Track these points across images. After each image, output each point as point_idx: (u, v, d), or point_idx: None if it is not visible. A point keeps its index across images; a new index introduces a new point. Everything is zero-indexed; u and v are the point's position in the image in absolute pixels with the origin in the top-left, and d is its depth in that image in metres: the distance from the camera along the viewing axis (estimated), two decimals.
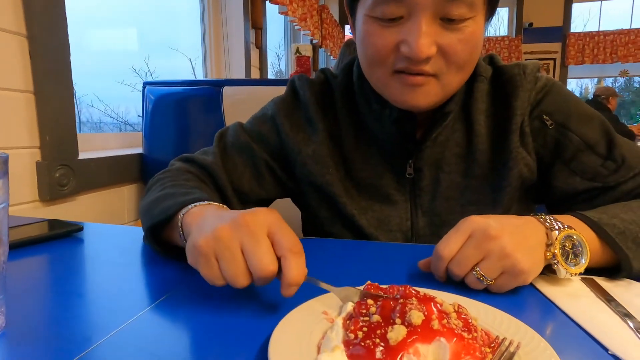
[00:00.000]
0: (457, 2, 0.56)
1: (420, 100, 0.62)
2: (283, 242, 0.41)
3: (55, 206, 1.22)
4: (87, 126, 2.15)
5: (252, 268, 0.40)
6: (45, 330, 0.39)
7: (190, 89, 1.64)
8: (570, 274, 0.49)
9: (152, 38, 2.48)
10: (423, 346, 0.31)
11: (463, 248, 0.49)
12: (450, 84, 0.62)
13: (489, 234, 0.47)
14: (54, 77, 1.18)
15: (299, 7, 3.24)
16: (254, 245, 0.41)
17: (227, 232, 0.42)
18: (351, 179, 0.74)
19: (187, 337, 0.39)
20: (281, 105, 0.77)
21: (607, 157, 0.66)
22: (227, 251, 0.41)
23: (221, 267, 0.42)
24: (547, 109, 0.69)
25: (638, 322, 0.40)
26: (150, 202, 0.61)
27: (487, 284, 0.47)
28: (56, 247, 0.64)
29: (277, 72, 4.24)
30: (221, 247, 0.41)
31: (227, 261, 0.41)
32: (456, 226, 0.50)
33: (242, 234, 0.41)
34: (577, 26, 6.14)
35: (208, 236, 0.42)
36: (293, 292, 0.40)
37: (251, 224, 0.42)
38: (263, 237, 0.41)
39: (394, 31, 0.59)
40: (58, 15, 1.20)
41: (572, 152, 0.67)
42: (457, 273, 0.49)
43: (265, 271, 0.40)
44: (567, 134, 0.67)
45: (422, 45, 0.56)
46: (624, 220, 0.54)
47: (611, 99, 4.23)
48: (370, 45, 0.62)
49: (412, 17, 0.57)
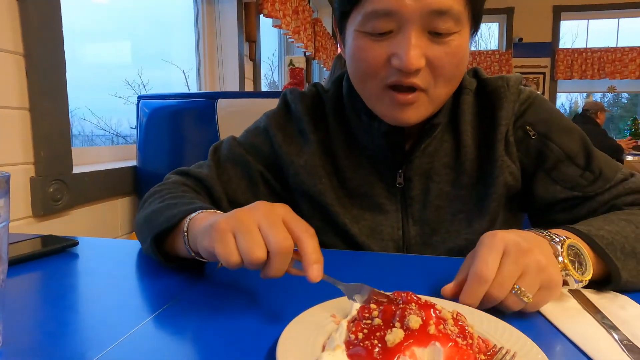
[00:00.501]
0: (444, 16, 0.58)
1: (410, 117, 0.64)
2: (298, 226, 0.44)
3: (48, 221, 1.22)
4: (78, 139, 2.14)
5: (269, 243, 0.42)
6: (43, 346, 0.39)
7: (185, 102, 1.64)
8: (581, 283, 0.49)
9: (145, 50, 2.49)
10: (419, 349, 0.33)
11: (502, 266, 0.46)
12: (439, 97, 0.64)
13: (522, 248, 0.46)
14: (50, 94, 1.19)
15: (293, 21, 3.28)
16: (271, 223, 0.43)
17: (246, 213, 0.44)
18: (343, 188, 0.76)
19: (188, 348, 0.39)
20: (274, 118, 0.79)
21: (585, 169, 0.69)
22: (244, 227, 0.43)
23: (238, 242, 0.43)
24: (530, 120, 0.71)
25: (623, 334, 0.42)
26: (150, 213, 0.61)
27: (526, 301, 0.45)
28: (51, 263, 0.64)
29: (270, 84, 4.27)
30: (239, 224, 0.43)
31: (243, 234, 0.42)
32: (485, 244, 0.48)
33: (259, 215, 0.44)
34: (566, 42, 6.27)
35: (227, 216, 0.44)
36: (317, 271, 0.42)
37: (269, 210, 0.45)
38: (279, 220, 0.44)
39: (385, 45, 0.61)
40: (55, 33, 1.20)
41: (553, 162, 0.70)
42: (497, 295, 0.45)
43: (281, 245, 0.41)
44: (549, 144, 0.70)
45: (412, 57, 0.58)
46: (610, 232, 0.55)
47: (599, 113, 4.30)
48: (361, 60, 0.63)
49: (401, 31, 0.59)
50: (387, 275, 0.60)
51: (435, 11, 0.58)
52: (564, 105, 6.68)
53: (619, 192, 0.67)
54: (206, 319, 0.44)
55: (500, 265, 0.46)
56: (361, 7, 0.61)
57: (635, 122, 5.69)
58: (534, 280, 0.45)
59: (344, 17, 0.65)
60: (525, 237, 0.48)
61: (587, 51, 6.00)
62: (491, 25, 6.49)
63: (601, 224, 0.58)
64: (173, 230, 0.56)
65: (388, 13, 0.58)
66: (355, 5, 0.62)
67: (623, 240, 0.55)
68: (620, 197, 0.67)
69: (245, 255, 0.42)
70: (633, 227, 0.58)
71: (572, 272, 0.48)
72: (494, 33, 6.52)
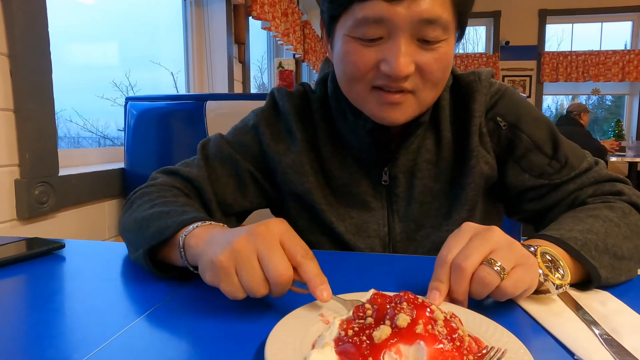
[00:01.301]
0: (433, 25, 0.59)
1: (398, 117, 0.66)
2: (296, 249, 0.44)
3: (33, 224, 1.20)
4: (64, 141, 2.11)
5: (269, 275, 0.42)
6: (30, 349, 0.39)
7: (173, 104, 1.64)
8: (562, 288, 0.49)
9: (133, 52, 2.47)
10: (404, 347, 0.33)
11: (469, 242, 0.46)
12: (426, 100, 0.66)
13: (493, 230, 0.47)
14: (35, 95, 1.17)
15: (282, 23, 3.28)
16: (270, 253, 0.43)
17: (244, 243, 0.43)
18: (329, 187, 0.77)
19: (176, 350, 0.39)
20: (262, 115, 0.79)
21: (552, 157, 0.71)
22: (247, 262, 0.43)
23: (241, 279, 0.43)
24: (500, 111, 0.74)
25: (602, 329, 0.43)
26: (141, 220, 0.60)
27: (502, 276, 0.43)
28: (38, 265, 0.63)
29: (259, 86, 4.26)
30: (241, 259, 0.43)
31: (246, 271, 0.42)
32: (453, 233, 0.49)
33: (257, 243, 0.43)
34: (552, 45, 6.35)
35: (226, 250, 0.43)
36: (326, 292, 0.42)
37: (265, 233, 0.44)
38: (277, 245, 0.44)
39: (374, 50, 0.62)
40: (40, 34, 1.19)
41: (522, 151, 0.72)
42: (466, 266, 0.44)
43: (282, 277, 0.42)
44: (518, 134, 0.72)
45: (402, 64, 0.59)
46: (581, 232, 0.56)
47: (583, 114, 4.37)
48: (350, 63, 0.64)
49: (391, 38, 0.60)
50: (375, 275, 0.60)
51: (425, 20, 0.59)
52: (550, 107, 6.78)
53: (583, 182, 0.70)
54: (194, 321, 0.44)
55: (467, 243, 0.46)
56: (351, 12, 0.61)
57: (619, 123, 5.79)
58: (506, 254, 0.45)
59: (333, 21, 0.66)
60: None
61: (572, 54, 6.10)
62: (478, 29, 6.56)
63: (571, 224, 0.59)
64: (166, 242, 0.55)
65: (379, 20, 0.59)
66: (345, 10, 0.62)
67: (595, 238, 0.56)
68: (584, 188, 0.70)
69: (249, 292, 0.43)
70: (601, 222, 0.59)
71: (551, 277, 0.48)
72: (481, 36, 6.59)
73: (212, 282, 0.45)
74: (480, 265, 0.44)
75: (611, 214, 0.62)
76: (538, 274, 0.47)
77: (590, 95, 6.32)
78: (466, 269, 0.44)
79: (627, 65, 5.90)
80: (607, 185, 0.70)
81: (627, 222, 0.62)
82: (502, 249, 0.45)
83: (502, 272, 0.43)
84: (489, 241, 0.45)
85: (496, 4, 6.10)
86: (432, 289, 0.46)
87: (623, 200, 0.67)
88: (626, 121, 6.20)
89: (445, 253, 0.46)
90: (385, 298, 0.40)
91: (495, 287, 0.44)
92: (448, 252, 0.46)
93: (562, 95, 6.59)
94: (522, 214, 0.76)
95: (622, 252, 0.57)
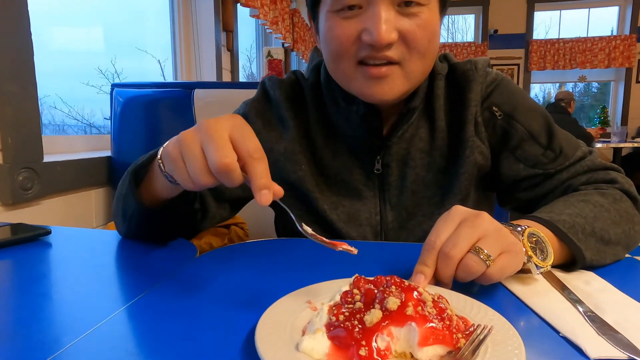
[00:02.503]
0: None
1: (386, 92, 0.65)
2: (245, 146, 0.44)
3: (18, 211, 1.18)
4: (49, 128, 2.07)
5: (209, 163, 0.43)
6: (15, 333, 0.38)
7: (161, 92, 1.61)
8: (543, 269, 0.49)
9: (119, 38, 2.42)
10: (396, 329, 0.34)
11: (457, 229, 0.46)
12: (414, 72, 0.65)
13: (482, 216, 0.47)
14: (16, 77, 1.14)
15: (271, 11, 3.24)
16: (210, 142, 0.43)
17: (189, 134, 0.46)
18: (322, 175, 0.77)
19: (163, 337, 0.39)
20: (252, 105, 0.79)
21: (547, 147, 0.71)
22: (188, 151, 0.45)
23: (187, 168, 0.45)
24: (496, 100, 0.74)
25: (586, 306, 0.44)
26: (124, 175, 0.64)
27: (488, 263, 0.44)
28: (23, 251, 0.62)
29: (248, 75, 4.22)
30: (184, 148, 0.45)
31: (189, 160, 0.45)
32: (442, 217, 0.49)
33: (202, 134, 0.45)
34: (540, 33, 6.38)
35: (173, 141, 0.47)
36: (266, 197, 0.42)
37: (212, 126, 0.45)
38: (221, 136, 0.44)
39: (355, 21, 0.62)
40: (20, 13, 1.15)
41: (517, 141, 0.72)
42: (453, 254, 0.44)
43: (219, 163, 0.42)
44: (514, 124, 0.72)
45: (383, 30, 0.60)
46: (570, 215, 0.57)
47: (572, 102, 4.43)
48: (333, 38, 0.64)
49: (370, 6, 0.61)
50: (364, 262, 0.60)
51: None
52: (538, 95, 6.83)
53: (577, 171, 0.70)
54: (181, 308, 0.44)
55: (455, 229, 0.46)
56: None
57: (604, 110, 5.87)
58: (494, 243, 0.45)
59: (315, 4, 0.67)
60: None
61: (560, 42, 6.13)
62: (467, 17, 6.56)
63: (561, 208, 0.60)
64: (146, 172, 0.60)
65: None
66: None
67: (583, 221, 0.57)
68: (577, 176, 0.70)
69: (194, 181, 0.45)
70: (591, 207, 0.60)
71: (535, 259, 0.49)
72: (470, 25, 6.59)
73: (170, 172, 0.49)
74: (467, 253, 0.45)
75: (602, 200, 0.62)
76: (523, 260, 0.48)
77: (577, 82, 6.38)
78: (453, 257, 0.44)
79: (613, 51, 5.96)
80: (601, 173, 0.70)
81: (617, 208, 0.62)
82: (490, 236, 0.46)
83: (488, 260, 0.44)
84: (477, 229, 0.46)
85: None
86: (417, 272, 0.46)
87: (616, 187, 0.67)
88: (611, 107, 6.28)
89: (434, 239, 0.47)
90: (367, 282, 0.41)
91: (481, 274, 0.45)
92: (436, 238, 0.46)
93: (549, 83, 6.64)
94: (515, 202, 0.77)
95: (609, 237, 0.58)
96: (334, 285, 0.45)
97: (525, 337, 0.35)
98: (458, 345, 0.33)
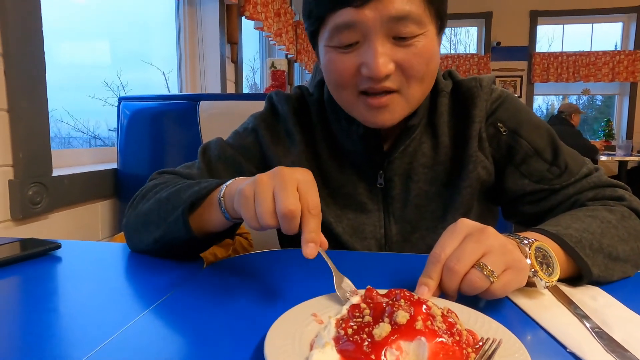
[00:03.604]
0: (405, 21, 0.60)
1: (387, 119, 0.66)
2: (307, 200, 0.48)
3: (27, 225, 1.19)
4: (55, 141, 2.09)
5: (277, 207, 0.47)
6: (28, 349, 0.38)
7: (167, 104, 1.63)
8: (548, 284, 0.49)
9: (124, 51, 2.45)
10: (405, 343, 0.34)
11: (462, 244, 0.46)
12: (414, 97, 0.66)
13: (487, 232, 0.47)
14: (28, 95, 1.16)
15: (275, 23, 3.28)
16: (282, 189, 0.47)
17: (265, 178, 0.49)
18: (327, 188, 0.77)
19: (174, 349, 0.39)
20: (261, 118, 0.80)
21: (552, 163, 0.72)
22: (262, 193, 0.48)
23: (256, 208, 0.48)
24: (501, 117, 0.74)
25: (594, 322, 0.44)
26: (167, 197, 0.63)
27: (492, 280, 0.44)
28: (34, 266, 0.62)
29: (251, 86, 4.26)
30: (258, 189, 0.48)
31: (260, 200, 0.48)
32: (448, 230, 0.49)
33: (276, 181, 0.48)
34: (542, 46, 6.41)
35: (250, 182, 0.50)
36: (312, 250, 0.46)
37: (287, 175, 0.49)
38: (292, 186, 0.48)
39: (353, 56, 0.63)
40: (35, 33, 1.18)
41: (522, 157, 0.73)
42: (457, 269, 0.44)
43: (286, 209, 0.46)
44: (518, 140, 0.73)
45: (380, 64, 0.60)
46: (577, 230, 0.57)
47: (574, 115, 4.42)
48: (333, 72, 0.66)
49: (366, 41, 0.62)
50: (369, 273, 0.61)
51: (394, 18, 0.60)
52: (541, 107, 6.83)
53: (583, 187, 0.70)
54: (191, 320, 0.44)
55: (461, 243, 0.47)
56: (326, 24, 0.64)
57: (609, 123, 5.86)
58: (498, 259, 0.45)
59: (314, 36, 0.69)
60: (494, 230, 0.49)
61: (563, 55, 6.15)
62: (470, 29, 6.60)
63: (569, 222, 0.60)
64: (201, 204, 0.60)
65: (350, 25, 0.61)
66: (321, 24, 0.65)
67: (590, 237, 0.57)
68: (584, 192, 0.70)
69: (260, 220, 0.48)
70: (598, 222, 0.60)
71: (540, 273, 0.49)
72: (472, 37, 6.63)
73: (237, 209, 0.51)
74: (471, 269, 0.45)
75: (610, 216, 0.62)
76: (527, 276, 0.48)
77: (581, 95, 6.39)
78: (457, 272, 0.45)
79: (617, 66, 5.97)
80: (608, 190, 0.70)
81: (625, 225, 0.62)
82: (494, 252, 0.46)
83: (492, 276, 0.44)
84: (482, 244, 0.46)
85: (487, 4, 6.15)
86: (421, 284, 0.47)
87: (623, 205, 0.67)
88: (616, 121, 6.27)
89: (439, 252, 0.47)
90: (379, 294, 0.41)
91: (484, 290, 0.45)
92: (441, 251, 0.47)
93: (552, 95, 6.65)
94: (519, 216, 0.77)
95: (617, 253, 0.58)
96: (337, 297, 0.45)
97: (531, 352, 0.35)
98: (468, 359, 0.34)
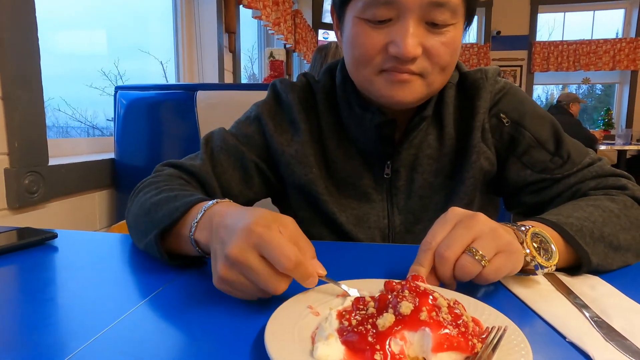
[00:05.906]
0: (442, 8, 0.60)
1: (407, 96, 0.65)
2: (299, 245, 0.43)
3: (24, 214, 1.19)
4: (52, 130, 2.08)
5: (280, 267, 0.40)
6: (23, 339, 0.38)
7: (164, 94, 1.62)
8: (547, 269, 0.49)
9: (121, 40, 2.42)
10: (409, 333, 0.34)
11: (452, 231, 0.47)
12: (434, 83, 0.66)
13: (477, 218, 0.47)
14: (23, 83, 1.15)
15: (273, 12, 3.25)
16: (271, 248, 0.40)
17: (238, 252, 0.41)
18: (332, 178, 0.77)
19: (171, 340, 0.39)
20: (264, 107, 0.79)
21: (554, 154, 0.72)
22: (253, 266, 0.40)
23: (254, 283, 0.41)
24: (504, 108, 0.74)
25: (593, 312, 0.44)
26: (149, 205, 0.59)
27: (484, 264, 0.44)
28: (30, 255, 0.62)
29: (250, 76, 4.23)
30: (244, 267, 0.41)
31: (256, 274, 0.40)
32: (439, 219, 0.49)
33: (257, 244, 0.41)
34: (543, 35, 6.37)
35: (225, 265, 0.41)
36: (314, 283, 0.42)
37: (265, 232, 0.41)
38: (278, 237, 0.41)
39: (383, 32, 0.62)
40: (28, 20, 1.17)
41: (525, 148, 0.73)
42: (447, 255, 0.45)
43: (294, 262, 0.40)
44: (521, 130, 0.73)
45: (410, 45, 0.60)
46: (578, 219, 0.57)
47: (572, 104, 4.41)
48: (359, 46, 0.64)
49: (400, 20, 0.61)
50: (372, 263, 0.60)
51: (434, 3, 0.60)
52: (540, 97, 6.81)
53: (585, 176, 0.70)
54: (188, 311, 0.44)
55: (450, 231, 0.47)
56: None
57: (609, 112, 5.85)
58: (488, 243, 0.45)
59: (344, 4, 0.66)
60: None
61: (563, 44, 6.12)
62: None
63: (570, 211, 0.60)
64: (177, 223, 0.54)
65: (389, 1, 0.60)
66: None
67: (591, 225, 0.57)
68: (585, 181, 0.70)
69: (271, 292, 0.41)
70: (600, 211, 0.60)
71: (538, 258, 0.49)
72: (472, 26, 6.53)
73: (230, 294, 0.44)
74: (462, 254, 0.45)
75: (612, 205, 0.62)
76: (521, 259, 0.48)
77: (580, 84, 6.37)
78: (448, 258, 0.45)
79: (618, 54, 5.94)
80: (611, 179, 0.70)
81: (627, 214, 0.62)
82: (484, 237, 0.46)
83: (483, 260, 0.44)
84: (471, 230, 0.46)
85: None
86: (412, 272, 0.47)
87: (626, 194, 0.67)
88: (616, 109, 6.26)
89: (430, 240, 0.48)
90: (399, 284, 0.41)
91: (477, 274, 0.45)
92: (432, 240, 0.47)
93: (552, 84, 6.63)
94: (521, 207, 0.77)
95: (619, 242, 0.57)
96: (330, 289, 0.45)
97: (531, 342, 0.35)
98: (475, 350, 0.33)
